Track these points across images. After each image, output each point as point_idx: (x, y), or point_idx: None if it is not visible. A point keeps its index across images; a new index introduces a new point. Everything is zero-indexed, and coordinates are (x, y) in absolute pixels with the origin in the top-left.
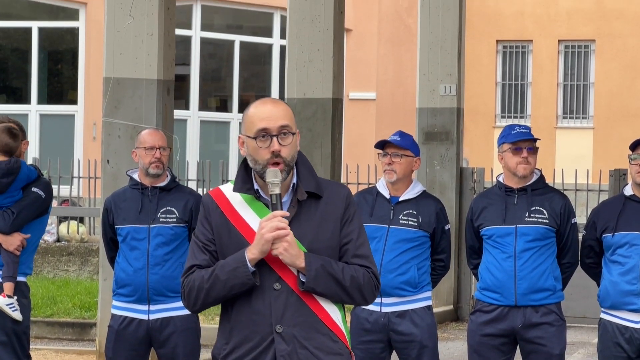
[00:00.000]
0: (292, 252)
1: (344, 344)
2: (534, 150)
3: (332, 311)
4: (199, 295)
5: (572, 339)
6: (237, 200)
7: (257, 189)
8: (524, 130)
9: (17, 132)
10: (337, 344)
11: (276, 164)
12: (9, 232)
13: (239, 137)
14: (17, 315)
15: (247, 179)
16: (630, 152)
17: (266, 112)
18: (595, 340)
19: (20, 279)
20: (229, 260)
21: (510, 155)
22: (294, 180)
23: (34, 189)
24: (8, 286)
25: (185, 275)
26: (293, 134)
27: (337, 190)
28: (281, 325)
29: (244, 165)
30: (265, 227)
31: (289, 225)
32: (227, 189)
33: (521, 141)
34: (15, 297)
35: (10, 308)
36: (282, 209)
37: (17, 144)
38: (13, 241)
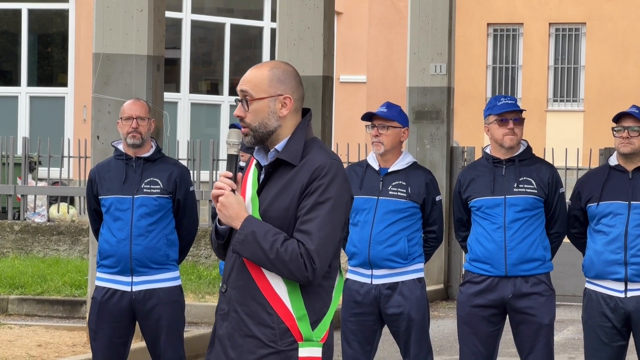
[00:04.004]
0: (225, 212)
1: (280, 318)
2: (520, 121)
3: (276, 283)
4: (212, 244)
5: (562, 316)
6: (255, 162)
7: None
8: (509, 102)
9: None
10: (271, 317)
11: (242, 127)
12: None
13: None
14: None
15: None
16: (615, 124)
17: (243, 76)
18: None
19: None
20: (217, 216)
21: (497, 127)
22: (277, 147)
23: None
24: None
25: None
26: (252, 100)
27: (313, 161)
28: (226, 285)
29: None
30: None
31: (262, 189)
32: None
33: (507, 112)
34: None
35: None
36: (235, 171)
37: None
38: None
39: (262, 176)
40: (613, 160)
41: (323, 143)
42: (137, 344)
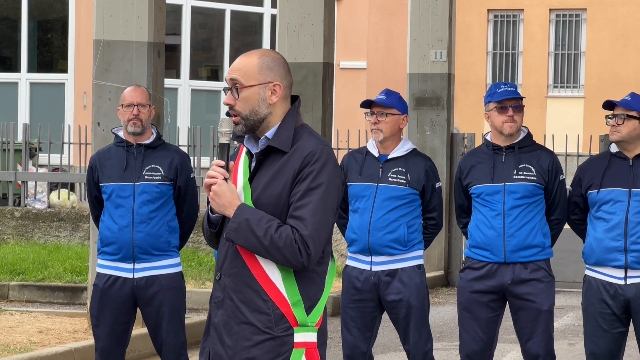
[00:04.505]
0: (218, 201)
1: (275, 304)
2: (519, 109)
3: (270, 269)
4: (203, 234)
5: (562, 302)
6: (245, 150)
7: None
8: (509, 89)
9: None
10: (266, 303)
11: (232, 115)
12: None
13: None
14: None
15: None
16: (609, 113)
17: (232, 64)
18: None
19: None
20: (209, 204)
21: (496, 114)
22: (267, 134)
23: None
24: None
25: None
26: (242, 87)
27: (304, 148)
28: (220, 273)
29: None
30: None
31: (253, 177)
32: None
33: (507, 100)
34: None
35: None
36: (227, 159)
37: None
38: None
39: (253, 164)
40: (614, 147)
41: (312, 129)
42: (137, 330)
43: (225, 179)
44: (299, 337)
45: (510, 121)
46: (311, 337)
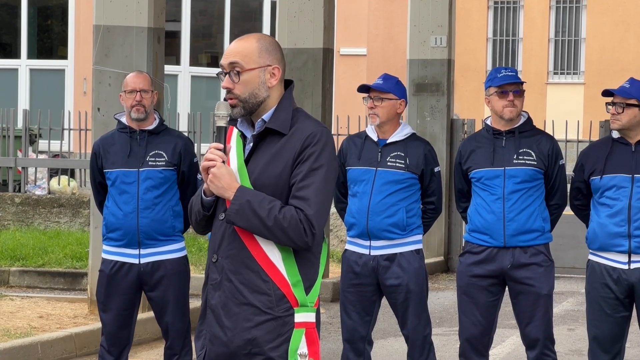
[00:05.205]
0: (217, 183)
1: (276, 285)
2: (520, 93)
3: (270, 250)
4: (190, 218)
5: (562, 288)
6: (238, 133)
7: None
8: (510, 74)
9: None
10: (267, 284)
11: (229, 99)
12: None
13: None
14: None
15: None
16: (609, 100)
17: (227, 49)
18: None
19: None
20: (201, 188)
21: (497, 99)
22: (264, 117)
23: None
24: None
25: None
26: (243, 71)
27: (303, 129)
28: (217, 255)
29: None
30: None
31: (250, 159)
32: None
33: (507, 84)
34: None
35: None
36: (224, 143)
37: None
38: None
39: (247, 146)
40: (616, 133)
41: (307, 112)
42: (138, 315)
43: (223, 162)
44: (299, 317)
45: (510, 106)
46: (310, 317)
